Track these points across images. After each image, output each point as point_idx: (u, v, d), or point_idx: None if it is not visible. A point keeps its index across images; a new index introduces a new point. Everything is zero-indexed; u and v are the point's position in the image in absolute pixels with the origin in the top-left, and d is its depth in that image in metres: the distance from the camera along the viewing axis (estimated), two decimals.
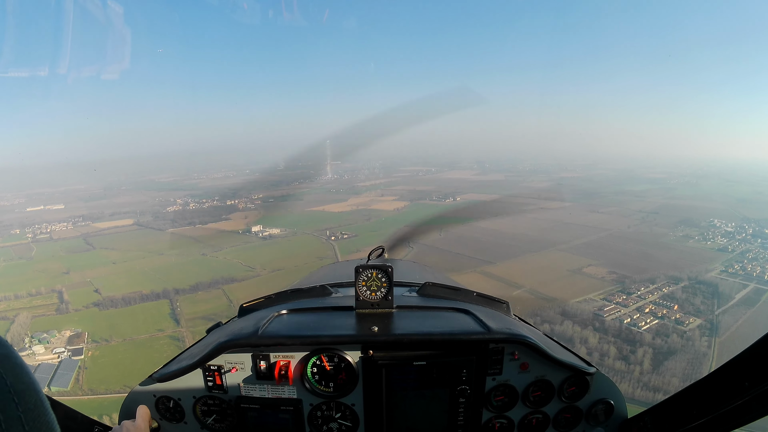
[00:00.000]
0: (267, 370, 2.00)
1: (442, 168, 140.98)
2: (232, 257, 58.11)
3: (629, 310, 44.51)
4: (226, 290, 46.47)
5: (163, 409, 2.13)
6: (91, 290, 51.92)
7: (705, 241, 67.57)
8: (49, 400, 1.64)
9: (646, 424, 2.02)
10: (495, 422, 2.13)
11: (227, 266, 54.50)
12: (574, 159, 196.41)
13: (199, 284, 48.09)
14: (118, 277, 54.80)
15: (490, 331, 1.95)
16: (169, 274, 53.34)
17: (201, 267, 55.10)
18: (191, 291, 47.47)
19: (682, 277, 53.23)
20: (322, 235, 66.79)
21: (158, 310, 44.74)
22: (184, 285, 48.61)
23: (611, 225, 73.24)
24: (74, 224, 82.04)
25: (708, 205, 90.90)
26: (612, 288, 48.82)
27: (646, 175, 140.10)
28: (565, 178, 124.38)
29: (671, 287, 50.77)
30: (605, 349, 36.34)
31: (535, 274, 50.11)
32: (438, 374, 1.95)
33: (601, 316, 42.33)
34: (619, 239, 66.60)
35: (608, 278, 51.30)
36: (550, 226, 70.82)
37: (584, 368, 2.06)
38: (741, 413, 1.49)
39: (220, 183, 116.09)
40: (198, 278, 49.96)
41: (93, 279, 54.96)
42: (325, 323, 2.11)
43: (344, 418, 2.08)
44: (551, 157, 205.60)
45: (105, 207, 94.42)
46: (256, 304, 2.42)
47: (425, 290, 2.48)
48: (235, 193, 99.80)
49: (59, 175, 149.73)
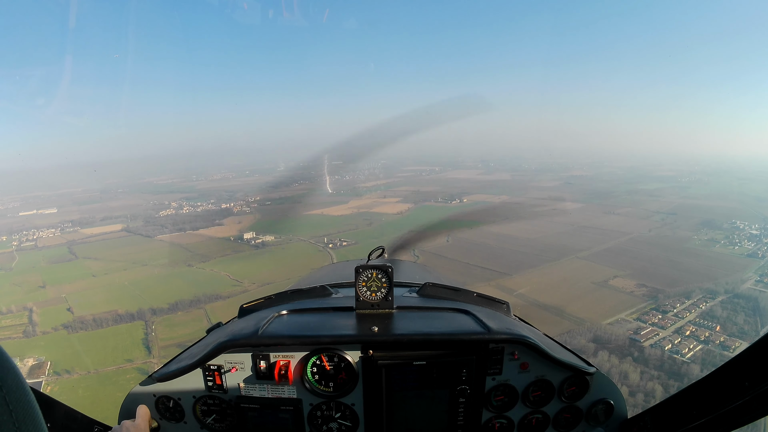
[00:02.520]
0: (267, 370, 1.96)
1: (446, 167, 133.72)
2: (219, 268, 51.59)
3: (668, 333, 37.56)
4: (208, 310, 39.98)
5: (163, 409, 2.08)
6: (64, 308, 45.63)
7: (732, 246, 61.46)
8: (49, 400, 1.74)
9: (646, 424, 1.96)
10: (495, 422, 2.08)
11: (213, 280, 48.04)
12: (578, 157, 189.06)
13: (179, 303, 41.64)
14: (94, 292, 48.51)
15: (490, 332, 1.91)
16: (149, 290, 46.98)
17: (185, 280, 48.67)
18: (170, 311, 41.04)
19: (717, 290, 46.41)
20: (319, 242, 60.03)
21: (131, 335, 38.34)
22: (162, 303, 42.19)
23: (630, 228, 66.06)
24: (62, 230, 76.08)
25: (726, 205, 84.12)
26: (644, 305, 41.86)
27: (654, 172, 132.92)
28: (573, 177, 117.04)
29: (708, 303, 43.94)
30: (650, 387, 29.43)
31: (557, 289, 43.20)
32: (438, 374, 1.91)
33: (638, 341, 35.41)
34: (642, 244, 59.47)
35: (638, 292, 44.32)
36: (565, 230, 63.68)
37: (584, 368, 2.01)
38: (741, 413, 1.44)
39: (218, 185, 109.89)
40: (179, 295, 43.52)
41: (69, 295, 48.69)
42: (325, 323, 2.06)
43: (344, 418, 2.04)
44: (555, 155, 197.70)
45: (98, 211, 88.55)
46: (256, 304, 2.35)
47: (425, 291, 2.42)
48: (232, 196, 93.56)
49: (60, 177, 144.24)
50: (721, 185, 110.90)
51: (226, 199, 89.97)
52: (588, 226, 65.98)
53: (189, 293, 43.70)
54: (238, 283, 45.58)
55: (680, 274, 50.28)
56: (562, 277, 46.32)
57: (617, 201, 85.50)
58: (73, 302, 46.96)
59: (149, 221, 75.06)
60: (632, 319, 39.31)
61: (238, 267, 51.17)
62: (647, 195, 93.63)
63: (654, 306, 42.09)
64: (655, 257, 55.06)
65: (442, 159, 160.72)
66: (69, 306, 46.08)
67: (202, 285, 46.17)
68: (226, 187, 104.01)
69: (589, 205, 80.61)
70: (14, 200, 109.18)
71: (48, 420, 1.62)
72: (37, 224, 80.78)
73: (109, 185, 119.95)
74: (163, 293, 45.11)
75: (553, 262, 50.52)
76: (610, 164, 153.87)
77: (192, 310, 40.85)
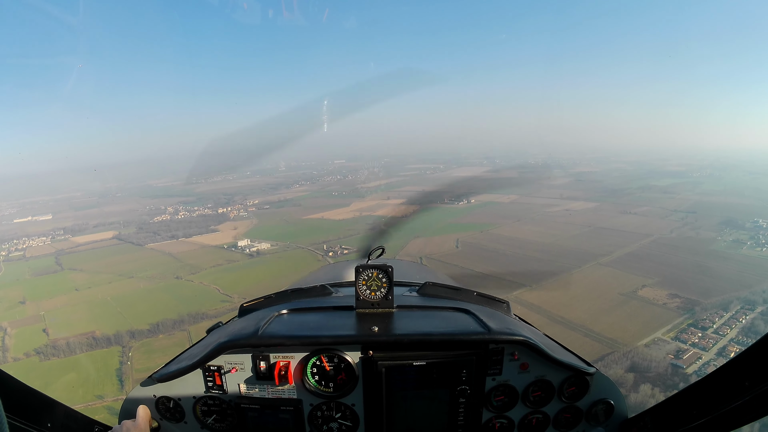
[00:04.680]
0: (267, 370, 1.92)
1: (450, 165, 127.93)
2: (209, 281, 46.56)
3: (711, 356, 32.08)
4: (192, 332, 34.95)
5: (163, 409, 2.05)
6: (41, 329, 40.94)
7: (759, 248, 56.17)
8: (49, 400, 1.77)
9: (646, 424, 1.93)
10: (495, 422, 2.06)
11: (201, 295, 43.05)
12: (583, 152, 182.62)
13: (162, 324, 36.64)
14: (74, 309, 43.83)
15: (491, 332, 1.88)
16: (132, 306, 42.15)
17: (171, 295, 43.73)
18: (150, 333, 36.11)
19: (755, 299, 40.98)
20: (318, 249, 54.87)
21: (105, 363, 33.50)
22: (143, 324, 37.29)
23: (651, 229, 60.40)
24: (53, 239, 71.67)
25: (743, 202, 78.47)
26: (680, 320, 36.45)
27: (663, 168, 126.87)
28: (582, 174, 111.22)
29: (748, 315, 38.48)
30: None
31: (582, 303, 37.77)
32: (438, 374, 1.88)
33: (681, 368, 30.03)
34: (666, 247, 53.85)
35: (671, 304, 38.87)
36: (582, 233, 58.03)
37: (584, 368, 1.98)
38: (741, 413, 1.43)
39: (217, 187, 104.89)
40: (163, 313, 38.59)
41: (48, 312, 44.07)
42: (325, 323, 2.02)
43: (344, 418, 2.01)
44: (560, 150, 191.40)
45: (93, 217, 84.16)
46: (256, 304, 2.31)
47: (425, 290, 2.37)
48: (230, 200, 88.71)
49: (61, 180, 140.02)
50: (734, 180, 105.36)
51: (224, 202, 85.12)
52: (605, 227, 60.30)
53: (173, 311, 38.76)
54: (228, 299, 40.50)
55: (712, 281, 44.86)
56: (586, 288, 40.84)
57: (632, 199, 79.74)
58: (51, 321, 42.30)
59: (142, 228, 70.36)
60: (670, 338, 33.90)
61: (230, 279, 46.15)
62: (661, 192, 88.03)
63: (691, 321, 36.69)
64: (682, 262, 49.49)
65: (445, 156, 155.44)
66: (46, 326, 41.43)
67: (188, 301, 41.22)
68: (225, 190, 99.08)
69: (603, 203, 74.88)
70: (12, 206, 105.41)
71: (48, 420, 1.66)
72: (29, 232, 76.57)
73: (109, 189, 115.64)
74: (146, 311, 40.24)
75: (575, 270, 44.99)
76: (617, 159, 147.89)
77: (174, 332, 35.86)
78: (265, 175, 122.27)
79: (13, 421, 1.54)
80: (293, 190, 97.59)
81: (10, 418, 1.52)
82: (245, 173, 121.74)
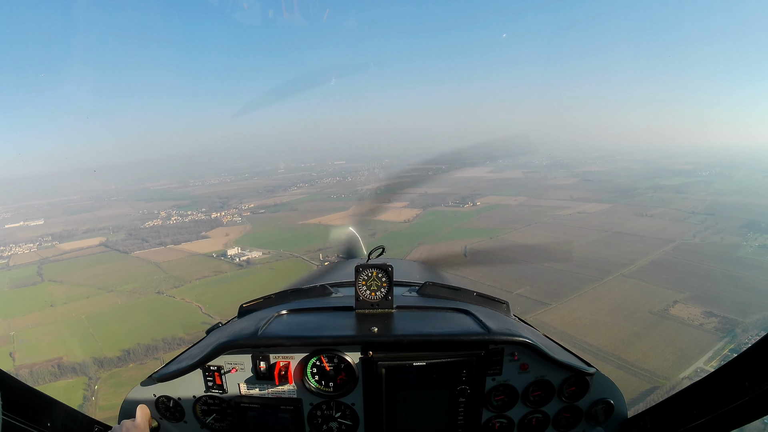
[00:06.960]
0: (267, 371, 1.88)
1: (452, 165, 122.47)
2: (193, 296, 41.75)
3: None
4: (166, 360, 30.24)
5: (163, 409, 2.01)
6: (8, 352, 36.37)
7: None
8: (49, 400, 1.75)
9: (646, 424, 1.90)
10: (495, 422, 2.03)
11: (182, 313, 38.28)
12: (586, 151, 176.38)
13: (134, 350, 31.89)
14: (46, 330, 39.15)
15: (490, 332, 1.85)
16: (105, 327, 37.44)
17: (149, 314, 38.96)
18: (120, 362, 31.36)
19: None
20: (314, 258, 49.91)
21: (68, 398, 28.58)
22: (114, 349, 32.58)
23: (671, 233, 55.09)
24: (40, 246, 67.14)
25: (760, 203, 72.91)
26: (721, 345, 31.32)
27: (671, 166, 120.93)
28: (588, 173, 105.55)
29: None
30: None
31: (610, 325, 32.63)
32: (438, 375, 1.85)
33: None
34: (690, 254, 48.57)
35: (708, 325, 33.72)
36: (599, 238, 52.78)
37: (584, 369, 1.94)
38: (741, 413, 1.40)
39: (214, 190, 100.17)
40: (137, 336, 33.85)
41: (19, 332, 39.51)
42: (325, 324, 1.98)
43: (344, 418, 1.97)
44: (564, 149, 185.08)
45: (85, 222, 79.65)
46: (255, 304, 2.26)
47: (425, 290, 2.33)
48: (225, 203, 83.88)
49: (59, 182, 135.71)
50: (745, 179, 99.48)
51: (218, 206, 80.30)
52: (622, 231, 55.05)
53: (148, 334, 33.98)
54: (209, 320, 35.73)
55: (747, 294, 39.59)
56: (612, 306, 35.67)
57: (644, 200, 74.32)
58: (19, 343, 37.80)
59: (131, 234, 65.72)
60: (712, 368, 28.78)
61: (215, 293, 41.30)
62: (674, 192, 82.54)
63: (733, 346, 31.50)
64: (711, 271, 44.17)
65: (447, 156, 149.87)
66: (13, 349, 36.89)
67: (167, 321, 36.44)
68: (221, 193, 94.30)
69: (615, 204, 69.50)
70: (7, 210, 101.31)
71: (48, 420, 1.65)
72: (18, 238, 72.17)
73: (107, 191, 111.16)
74: (119, 333, 35.51)
75: (596, 283, 39.73)
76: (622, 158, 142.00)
77: (147, 360, 31.07)
78: (264, 176, 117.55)
79: (13, 420, 1.49)
80: (290, 193, 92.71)
81: (11, 417, 1.47)
82: (244, 175, 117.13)
